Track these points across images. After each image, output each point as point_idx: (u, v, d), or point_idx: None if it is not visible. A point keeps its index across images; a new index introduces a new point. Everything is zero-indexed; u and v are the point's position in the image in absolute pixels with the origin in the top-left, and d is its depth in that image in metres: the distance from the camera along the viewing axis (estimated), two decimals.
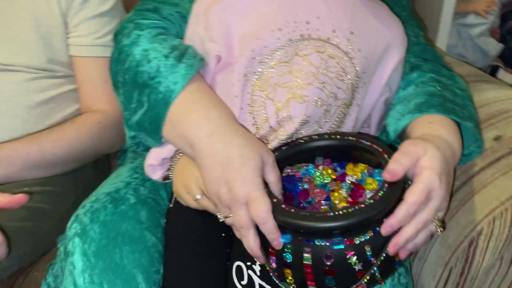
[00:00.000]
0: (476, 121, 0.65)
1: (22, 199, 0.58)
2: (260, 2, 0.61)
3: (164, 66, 0.59)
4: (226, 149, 0.53)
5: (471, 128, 0.62)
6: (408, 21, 0.78)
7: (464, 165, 0.65)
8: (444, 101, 0.64)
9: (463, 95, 0.69)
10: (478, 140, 0.63)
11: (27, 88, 0.84)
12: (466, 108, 0.66)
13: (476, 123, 0.65)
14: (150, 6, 0.69)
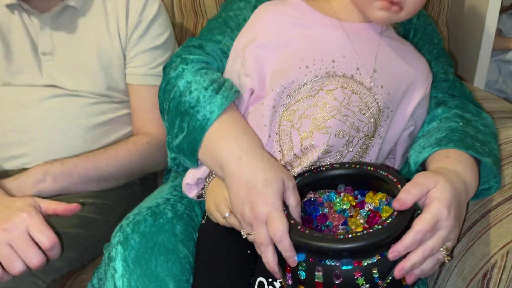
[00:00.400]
0: (497, 157, 0.67)
1: (76, 208, 0.67)
2: (290, 42, 0.67)
3: (203, 97, 0.67)
4: (251, 173, 0.60)
5: (489, 164, 0.64)
6: (438, 58, 0.81)
7: (483, 199, 0.66)
8: (464, 137, 0.67)
9: (487, 131, 0.71)
10: (497, 176, 0.65)
11: (88, 111, 0.95)
12: (487, 144, 0.68)
13: (496, 158, 0.67)
14: (196, 43, 0.78)
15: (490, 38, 1.08)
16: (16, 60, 0.93)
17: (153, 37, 0.97)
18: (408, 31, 0.83)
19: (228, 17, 0.81)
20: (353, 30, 0.68)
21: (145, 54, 0.97)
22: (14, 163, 0.91)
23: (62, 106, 0.93)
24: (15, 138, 0.91)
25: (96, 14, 0.95)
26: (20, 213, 0.65)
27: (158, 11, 0.98)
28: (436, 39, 0.85)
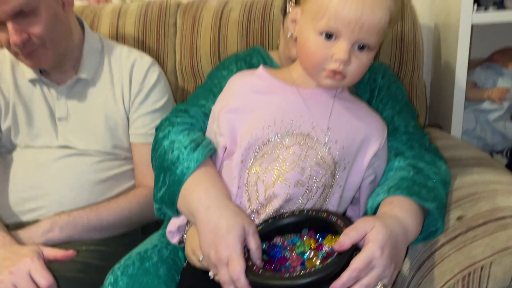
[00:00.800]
0: (442, 202, 0.75)
1: (72, 254, 0.79)
2: (255, 107, 0.78)
3: (182, 154, 0.78)
4: (217, 220, 0.69)
5: (431, 208, 0.72)
6: (400, 112, 0.91)
7: (430, 241, 0.73)
8: (412, 185, 0.75)
9: (437, 178, 0.79)
10: (439, 219, 0.72)
11: (96, 168, 1.08)
12: (434, 191, 0.76)
13: (440, 204, 0.74)
14: (182, 107, 0.91)
15: (462, 90, 1.16)
16: (36, 125, 1.08)
17: (153, 102, 1.11)
18: (374, 90, 0.93)
19: (212, 84, 0.94)
20: (309, 94, 0.78)
21: (145, 117, 1.10)
22: (30, 215, 1.03)
23: (73, 164, 1.06)
24: (32, 193, 1.04)
25: (104, 83, 1.10)
26: (24, 258, 0.77)
27: (157, 80, 1.12)
28: (400, 96, 0.94)
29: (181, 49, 1.33)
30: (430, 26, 1.47)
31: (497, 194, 0.76)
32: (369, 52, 0.73)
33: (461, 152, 1.03)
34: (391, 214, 0.69)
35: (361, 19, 0.68)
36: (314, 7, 0.71)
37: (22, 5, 0.92)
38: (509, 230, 0.66)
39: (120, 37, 1.34)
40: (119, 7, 1.39)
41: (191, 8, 1.34)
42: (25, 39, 0.96)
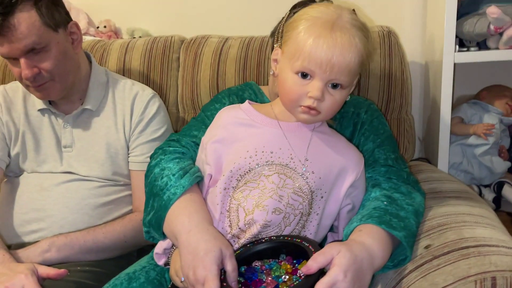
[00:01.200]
0: (411, 231, 0.79)
1: (64, 273, 0.85)
2: (239, 138, 0.84)
3: (170, 181, 0.84)
4: (196, 243, 0.75)
5: (399, 237, 0.76)
6: (381, 146, 0.96)
7: (400, 268, 0.77)
8: (383, 214, 0.80)
9: (409, 209, 0.83)
10: (407, 248, 0.76)
11: (96, 193, 1.14)
12: (404, 220, 0.80)
13: (410, 233, 0.78)
14: (174, 137, 0.97)
15: (447, 125, 1.21)
16: (43, 152, 1.16)
17: (152, 131, 1.18)
18: (357, 124, 0.99)
19: (205, 116, 1.01)
20: (288, 128, 0.84)
21: (144, 146, 1.17)
22: (33, 236, 1.09)
23: (75, 188, 1.13)
24: (35, 215, 1.10)
25: (107, 113, 1.18)
26: (19, 275, 0.83)
27: (157, 111, 1.20)
28: (382, 130, 0.99)
29: (183, 83, 1.41)
30: (421, 63, 1.54)
31: (465, 226, 0.79)
32: (342, 90, 0.79)
33: (442, 185, 1.07)
34: (358, 240, 0.73)
35: (331, 61, 0.74)
36: (291, 49, 0.78)
37: (34, 43, 1.02)
38: (471, 259, 0.70)
39: (127, 70, 1.43)
40: (127, 43, 1.49)
41: (194, 44, 1.43)
42: (36, 74, 1.05)
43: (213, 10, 1.64)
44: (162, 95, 1.42)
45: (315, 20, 0.76)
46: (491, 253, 0.70)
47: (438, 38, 1.25)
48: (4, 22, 0.98)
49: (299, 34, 0.76)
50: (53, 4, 1.07)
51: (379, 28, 1.29)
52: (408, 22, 1.54)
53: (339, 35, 0.74)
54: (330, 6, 0.80)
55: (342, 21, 0.76)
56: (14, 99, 1.19)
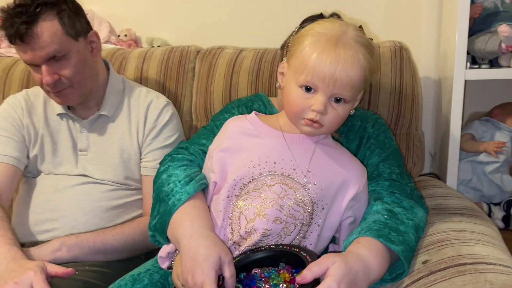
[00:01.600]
0: (409, 246, 0.79)
1: (71, 272, 0.89)
2: (243, 147, 0.87)
3: (176, 187, 0.87)
4: (196, 248, 0.77)
5: (397, 251, 0.77)
6: (386, 160, 0.97)
7: (398, 282, 0.78)
8: (383, 227, 0.81)
9: (409, 224, 0.84)
10: (405, 262, 0.77)
11: (108, 196, 1.18)
12: (403, 235, 0.81)
13: (408, 247, 0.79)
14: (183, 145, 1.01)
15: (456, 142, 1.21)
16: (60, 155, 1.21)
17: (164, 138, 1.22)
18: (363, 138, 1.00)
19: (214, 125, 1.04)
20: (292, 139, 0.86)
21: (156, 152, 1.21)
22: (46, 235, 1.14)
23: (88, 191, 1.17)
24: (49, 215, 1.15)
25: (121, 119, 1.22)
26: (29, 271, 0.87)
27: (170, 118, 1.24)
28: (388, 144, 1.00)
29: (197, 92, 1.45)
30: (435, 79, 1.54)
31: (464, 243, 0.80)
32: (345, 104, 0.81)
33: (448, 201, 1.07)
34: (355, 252, 0.75)
35: (334, 76, 0.76)
36: (296, 63, 0.80)
37: (56, 52, 1.07)
38: (466, 276, 0.70)
39: (144, 78, 1.48)
40: (145, 51, 1.54)
41: (209, 54, 1.47)
42: (56, 80, 1.10)
43: (230, 21, 1.68)
44: (177, 103, 1.46)
45: (320, 36, 0.79)
46: (487, 270, 0.71)
47: (450, 54, 1.26)
48: (28, 31, 1.04)
49: (304, 49, 0.79)
50: (75, 14, 1.12)
51: (391, 43, 1.30)
52: (423, 38, 1.55)
53: (343, 51, 0.76)
54: (336, 22, 0.82)
55: (347, 37, 0.78)
56: (36, 103, 1.24)
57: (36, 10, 1.05)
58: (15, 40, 1.06)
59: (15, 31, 1.04)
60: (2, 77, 1.58)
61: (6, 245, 0.95)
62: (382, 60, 1.28)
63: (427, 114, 1.56)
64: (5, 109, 1.22)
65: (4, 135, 1.18)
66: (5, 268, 0.89)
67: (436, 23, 1.51)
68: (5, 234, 0.98)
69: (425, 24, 1.54)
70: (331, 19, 0.89)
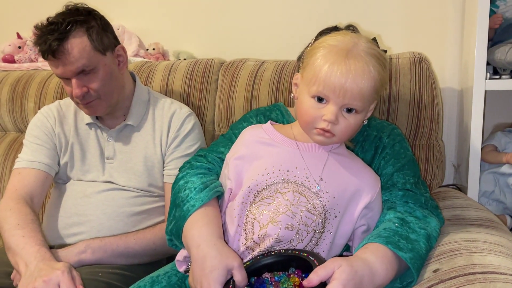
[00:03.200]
0: (419, 254, 0.80)
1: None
2: (258, 156, 0.89)
3: (191, 193, 0.91)
4: (203, 259, 0.80)
5: (407, 259, 0.77)
6: (401, 170, 0.97)
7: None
8: (392, 235, 0.81)
9: (421, 233, 0.84)
10: (413, 270, 0.77)
11: (132, 202, 1.23)
12: (413, 243, 0.81)
13: (417, 255, 0.79)
14: (202, 153, 1.04)
15: (477, 153, 1.20)
16: (88, 162, 1.27)
17: (186, 147, 1.27)
18: (378, 148, 1.01)
19: (233, 133, 1.07)
20: (306, 148, 0.89)
21: (178, 160, 1.25)
22: (73, 239, 1.19)
23: (113, 197, 1.23)
24: (77, 220, 1.21)
25: (146, 129, 1.28)
26: (57, 271, 0.92)
27: (192, 128, 1.28)
28: (403, 154, 1.00)
29: (220, 103, 1.49)
30: (458, 90, 1.53)
31: (476, 252, 0.79)
32: (356, 115, 0.82)
33: (467, 212, 1.06)
34: (361, 257, 0.76)
35: (344, 87, 0.78)
36: (309, 74, 0.83)
37: (84, 66, 1.14)
38: (476, 285, 0.70)
39: (169, 90, 1.54)
40: (171, 64, 1.60)
41: (232, 67, 1.52)
42: (85, 92, 1.16)
43: (252, 35, 1.73)
44: (200, 114, 1.51)
45: (332, 48, 0.81)
46: (497, 280, 0.70)
47: (470, 65, 1.25)
48: (59, 47, 1.11)
49: (316, 61, 0.81)
50: (103, 30, 1.18)
51: (410, 54, 1.31)
52: (448, 49, 1.55)
53: (353, 63, 0.78)
54: (348, 34, 0.85)
55: (358, 49, 0.80)
56: (67, 113, 1.31)
57: (67, 27, 1.12)
58: (47, 55, 1.13)
59: (47, 48, 1.11)
60: (38, 89, 1.68)
61: (36, 246, 1.01)
62: (402, 71, 1.29)
63: (451, 125, 1.55)
64: (39, 119, 1.30)
65: (37, 143, 1.26)
66: (34, 267, 0.95)
67: (459, 34, 1.51)
68: (36, 235, 1.04)
69: (449, 35, 1.53)
70: (344, 31, 0.91)
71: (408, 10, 1.56)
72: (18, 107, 1.70)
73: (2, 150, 1.69)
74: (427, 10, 1.54)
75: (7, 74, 1.79)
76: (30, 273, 0.94)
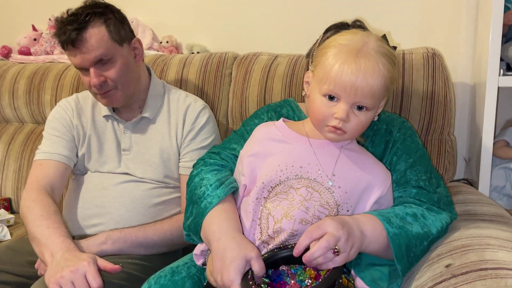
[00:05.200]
0: (406, 234, 0.84)
1: (118, 268, 0.98)
2: (272, 152, 0.91)
3: (207, 190, 0.93)
4: (223, 251, 0.83)
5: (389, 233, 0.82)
6: (413, 166, 0.98)
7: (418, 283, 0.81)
8: (388, 212, 0.87)
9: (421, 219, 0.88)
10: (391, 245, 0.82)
11: (149, 194, 1.27)
12: (406, 224, 0.86)
13: (403, 234, 0.84)
14: (215, 150, 1.07)
15: (488, 149, 1.21)
16: (105, 154, 1.31)
17: (201, 140, 1.29)
18: (388, 142, 1.01)
19: (245, 130, 1.09)
20: (318, 144, 0.91)
21: (193, 152, 1.28)
22: (93, 229, 1.23)
23: (131, 189, 1.26)
24: (96, 211, 1.24)
25: (162, 122, 1.30)
26: (83, 262, 0.96)
27: (207, 121, 1.31)
28: (415, 149, 1.01)
29: (233, 97, 1.51)
30: (471, 85, 1.53)
31: (488, 248, 0.81)
32: (367, 112, 0.84)
33: (478, 207, 1.07)
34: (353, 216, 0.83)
35: (355, 85, 0.80)
36: (320, 73, 0.85)
37: (102, 55, 1.17)
38: (487, 280, 0.72)
39: (184, 83, 1.56)
40: (185, 58, 1.62)
41: (245, 60, 1.53)
42: (102, 82, 1.19)
43: (266, 29, 1.73)
44: (214, 107, 1.53)
45: (342, 47, 0.82)
46: (508, 276, 0.72)
47: (484, 61, 1.26)
48: (78, 36, 1.14)
49: (327, 60, 0.83)
50: (120, 22, 1.21)
51: (424, 49, 1.32)
52: (462, 45, 1.55)
53: (363, 61, 0.80)
54: (358, 33, 0.86)
55: (368, 48, 0.82)
56: (84, 106, 1.34)
57: (86, 18, 1.15)
58: (67, 45, 1.16)
59: (67, 37, 1.15)
60: (55, 81, 1.71)
61: (61, 237, 1.04)
62: (415, 66, 1.30)
63: (463, 120, 1.56)
64: (57, 111, 1.33)
65: (56, 135, 1.29)
66: (61, 257, 0.99)
67: (473, 30, 1.50)
68: (59, 227, 1.08)
69: (463, 30, 1.53)
70: (354, 30, 0.92)
71: (422, 6, 1.56)
72: (35, 99, 1.73)
73: (20, 141, 1.73)
74: (441, 6, 1.54)
75: (24, 67, 1.82)
76: (57, 263, 0.97)
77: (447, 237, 0.91)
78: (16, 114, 1.80)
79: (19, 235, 1.46)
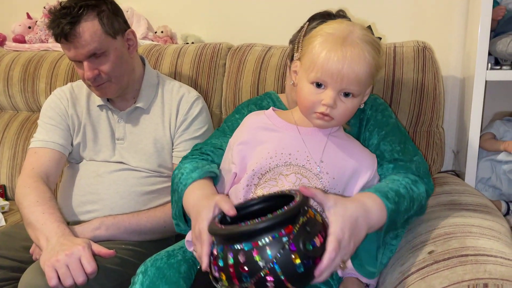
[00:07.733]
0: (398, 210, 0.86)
1: (112, 253, 1.01)
2: (261, 140, 0.93)
3: (182, 176, 0.96)
4: (196, 212, 0.85)
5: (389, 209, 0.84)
6: (386, 137, 1.02)
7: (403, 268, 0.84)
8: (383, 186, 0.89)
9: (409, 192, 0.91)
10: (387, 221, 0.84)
11: (142, 182, 1.29)
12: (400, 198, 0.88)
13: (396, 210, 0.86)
14: (197, 147, 1.09)
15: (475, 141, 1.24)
16: (100, 143, 1.32)
17: (194, 130, 1.31)
18: (362, 120, 1.05)
19: (226, 126, 1.12)
20: (306, 132, 0.93)
21: (186, 142, 1.30)
22: (87, 216, 1.25)
23: (125, 177, 1.28)
24: (91, 198, 1.26)
25: (156, 112, 1.32)
26: (78, 246, 0.98)
27: (200, 112, 1.32)
28: (386, 122, 1.04)
29: (227, 87, 1.53)
30: (460, 79, 1.56)
31: (469, 236, 0.85)
32: (353, 98, 0.87)
33: (463, 197, 1.11)
34: (353, 198, 0.83)
35: (341, 72, 0.82)
36: (307, 62, 0.87)
37: (96, 49, 1.18)
38: (467, 266, 0.75)
39: (178, 73, 1.58)
40: (179, 48, 1.63)
41: (239, 51, 1.55)
42: (96, 75, 1.20)
43: (260, 20, 1.75)
44: (207, 97, 1.55)
45: (328, 36, 0.85)
46: (488, 262, 0.75)
47: (472, 55, 1.29)
48: (71, 31, 1.15)
49: (314, 49, 0.85)
50: (113, 14, 1.22)
51: (414, 43, 1.34)
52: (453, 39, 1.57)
53: (349, 49, 0.82)
54: (344, 22, 0.88)
55: (353, 36, 0.84)
56: (79, 95, 1.36)
57: (79, 11, 1.15)
58: (60, 39, 1.17)
59: (60, 31, 1.15)
60: (49, 69, 1.72)
61: (56, 222, 1.06)
62: (405, 59, 1.32)
63: (452, 112, 1.59)
64: (52, 100, 1.34)
65: (51, 124, 1.30)
66: (56, 241, 1.01)
67: (464, 25, 1.53)
68: (54, 212, 1.10)
69: (454, 25, 1.56)
70: (339, 20, 0.94)
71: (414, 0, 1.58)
72: (30, 87, 1.74)
73: (15, 129, 1.74)
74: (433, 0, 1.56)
75: (18, 54, 1.83)
76: (52, 247, 0.99)
77: (431, 225, 0.94)
78: (11, 101, 1.81)
79: (13, 222, 1.48)
